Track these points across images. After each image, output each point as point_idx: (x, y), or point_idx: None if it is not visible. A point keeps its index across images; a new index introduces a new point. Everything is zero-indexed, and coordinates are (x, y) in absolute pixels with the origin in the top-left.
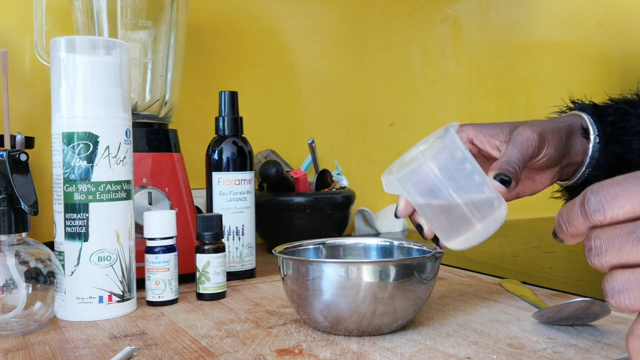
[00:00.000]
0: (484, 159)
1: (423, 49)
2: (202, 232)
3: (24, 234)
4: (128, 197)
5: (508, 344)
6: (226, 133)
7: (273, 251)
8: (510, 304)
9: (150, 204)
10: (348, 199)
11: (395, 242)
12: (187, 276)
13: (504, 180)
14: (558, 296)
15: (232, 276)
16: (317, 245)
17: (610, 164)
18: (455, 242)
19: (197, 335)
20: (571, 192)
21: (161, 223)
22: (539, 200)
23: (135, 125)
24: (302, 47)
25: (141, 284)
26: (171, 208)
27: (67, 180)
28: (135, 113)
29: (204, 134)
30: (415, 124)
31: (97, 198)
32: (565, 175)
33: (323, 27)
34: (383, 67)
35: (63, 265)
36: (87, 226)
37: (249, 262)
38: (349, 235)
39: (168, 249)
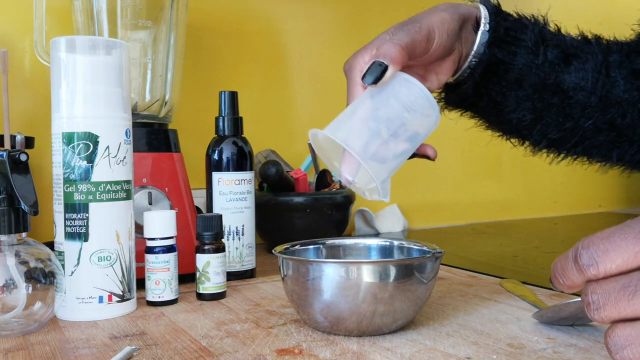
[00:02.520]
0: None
1: None
2: (202, 232)
3: (24, 234)
4: (128, 197)
5: (508, 344)
6: (226, 133)
7: (273, 251)
8: (510, 304)
9: (150, 204)
10: (348, 199)
11: (395, 242)
12: (187, 276)
13: (374, 73)
14: (558, 296)
15: (232, 276)
16: (317, 245)
17: (490, 67)
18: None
19: (197, 335)
20: (455, 90)
21: (161, 223)
22: (539, 200)
23: (135, 125)
24: (302, 47)
25: (141, 284)
26: (171, 208)
27: (67, 180)
28: (135, 113)
29: (204, 134)
30: None
31: (97, 198)
32: (456, 70)
33: (323, 27)
34: None
35: (63, 265)
36: (87, 226)
37: (249, 262)
38: (349, 235)
39: (168, 249)
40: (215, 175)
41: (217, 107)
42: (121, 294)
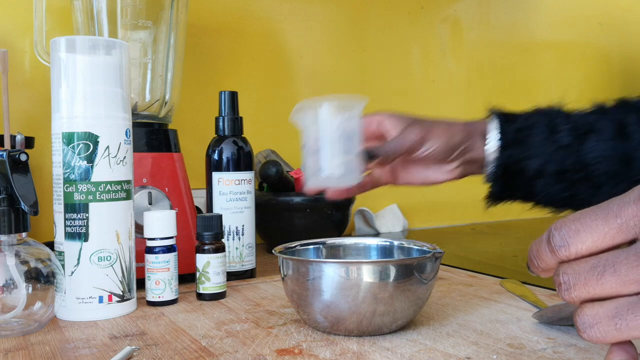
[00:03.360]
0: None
1: (423, 49)
2: (202, 232)
3: (24, 234)
4: (128, 197)
5: (508, 344)
6: (226, 133)
7: (273, 251)
8: (510, 304)
9: (150, 204)
10: (348, 199)
11: (395, 242)
12: (187, 276)
13: (369, 154)
14: (558, 296)
15: (232, 276)
16: (317, 245)
17: (510, 166)
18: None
19: (197, 335)
20: (489, 190)
21: (161, 223)
22: None
23: (135, 125)
24: (302, 47)
25: (141, 284)
26: (171, 208)
27: (67, 180)
28: (135, 113)
29: (204, 134)
30: None
31: (97, 198)
32: (473, 171)
33: (323, 27)
34: (383, 67)
35: (63, 265)
36: (87, 226)
37: (249, 262)
38: (349, 235)
39: (168, 249)
40: (215, 175)
41: (217, 107)
42: (121, 294)
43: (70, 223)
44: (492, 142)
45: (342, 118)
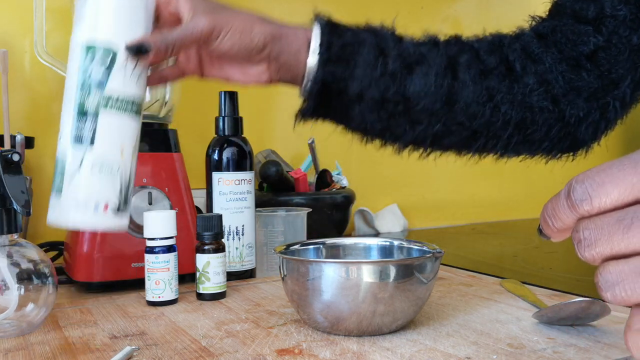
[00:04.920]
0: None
1: None
2: (202, 232)
3: (15, 235)
4: (138, 113)
5: (508, 344)
6: (226, 133)
7: (273, 251)
8: (510, 304)
9: (150, 204)
10: (348, 199)
11: (395, 242)
12: (187, 276)
13: (138, 48)
14: (558, 296)
15: (232, 276)
16: (317, 245)
17: (328, 83)
18: None
19: (197, 335)
20: (302, 104)
21: (161, 223)
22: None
23: None
24: None
25: (141, 284)
26: (171, 208)
27: (83, 86)
28: None
29: (204, 134)
30: None
31: (110, 106)
32: (285, 78)
33: None
34: None
35: (64, 169)
36: (94, 132)
37: (249, 262)
38: (349, 235)
39: (168, 249)
40: (215, 175)
41: (217, 107)
42: (116, 206)
43: (79, 126)
44: (313, 54)
45: None
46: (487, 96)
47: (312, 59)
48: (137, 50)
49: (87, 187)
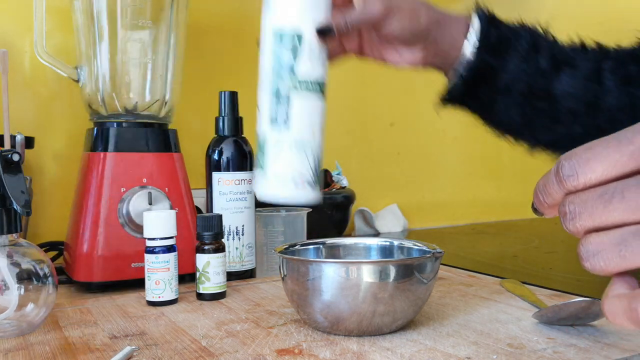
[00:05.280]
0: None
1: None
2: (202, 232)
3: (15, 235)
4: (324, 95)
5: (508, 344)
6: (226, 133)
7: (273, 251)
8: (510, 304)
9: (150, 204)
10: (348, 199)
11: (395, 242)
12: (187, 276)
13: (323, 29)
14: (558, 296)
15: (232, 276)
16: (317, 245)
17: (480, 71)
18: None
19: (197, 335)
20: (450, 94)
21: (161, 223)
22: None
23: (135, 125)
24: None
25: (141, 284)
26: (171, 208)
27: (275, 71)
28: (135, 113)
29: (204, 134)
30: (415, 124)
31: (302, 88)
32: (437, 63)
33: None
34: (383, 67)
35: (265, 148)
36: (288, 115)
37: (249, 262)
38: (349, 235)
39: (168, 249)
40: (215, 175)
41: (217, 107)
42: (312, 180)
43: (274, 108)
44: (470, 42)
45: None
46: (630, 103)
47: (468, 46)
48: (324, 32)
49: (286, 164)
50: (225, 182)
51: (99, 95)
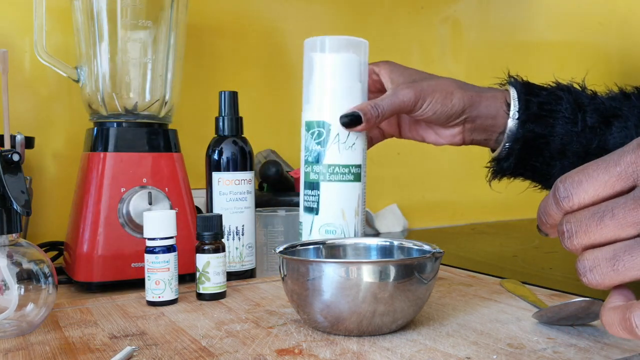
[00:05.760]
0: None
1: (423, 49)
2: (202, 232)
3: (15, 235)
4: (356, 179)
5: (508, 344)
6: (226, 133)
7: (273, 251)
8: (510, 304)
9: (150, 204)
10: None
11: (395, 242)
12: (187, 276)
13: (348, 118)
14: (558, 296)
15: (232, 276)
16: (317, 245)
17: (529, 142)
18: None
19: (197, 335)
20: (499, 164)
21: (161, 223)
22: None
23: (135, 125)
24: (302, 47)
25: (141, 284)
26: (171, 208)
27: (306, 162)
28: (135, 113)
29: (204, 134)
30: None
31: (327, 178)
32: (478, 139)
33: (323, 27)
34: None
35: (301, 233)
36: (318, 202)
37: (249, 262)
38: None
39: (168, 249)
40: (215, 175)
41: (217, 107)
42: None
43: (307, 199)
44: (512, 115)
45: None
46: None
47: (512, 120)
48: (351, 122)
49: None
50: (225, 182)
51: (99, 95)
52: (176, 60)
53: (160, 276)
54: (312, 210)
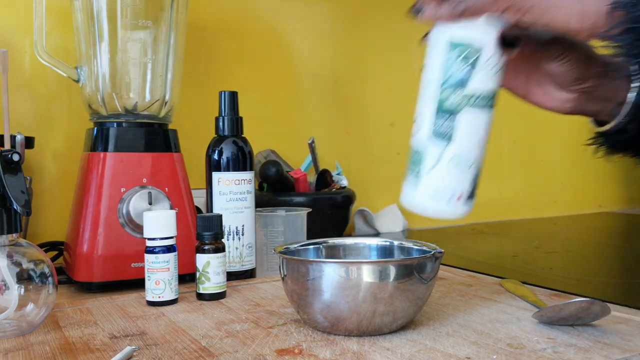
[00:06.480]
0: None
1: (423, 49)
2: (202, 232)
3: (15, 235)
4: (492, 107)
5: (508, 344)
6: (226, 133)
7: (273, 251)
8: (510, 304)
9: (150, 204)
10: (348, 199)
11: (395, 242)
12: (187, 276)
13: (510, 41)
14: (558, 296)
15: (232, 276)
16: (317, 245)
17: None
18: None
19: (197, 335)
20: (607, 139)
21: (161, 223)
22: (539, 200)
23: (135, 125)
24: (302, 47)
25: (141, 284)
26: (171, 208)
27: (445, 85)
28: (135, 113)
29: (204, 134)
30: None
31: (469, 106)
32: (590, 109)
33: (323, 27)
34: (383, 67)
35: (422, 160)
36: (453, 130)
37: (249, 262)
38: (349, 235)
39: (168, 249)
40: (215, 175)
41: (217, 107)
42: (467, 196)
43: (440, 123)
44: (634, 88)
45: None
46: None
47: (632, 93)
48: (509, 44)
49: (444, 180)
50: (225, 182)
51: (99, 95)
52: (176, 60)
53: (160, 276)
54: (444, 136)
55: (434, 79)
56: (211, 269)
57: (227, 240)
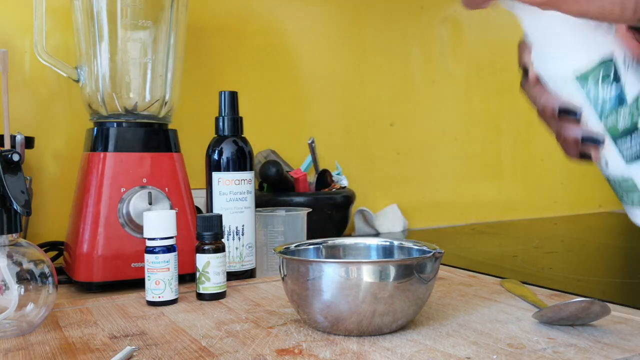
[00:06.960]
0: None
1: (423, 49)
2: (202, 232)
3: (15, 235)
4: None
5: (508, 344)
6: (226, 133)
7: (273, 251)
8: (510, 304)
9: (150, 204)
10: (348, 199)
11: (395, 242)
12: (187, 276)
13: None
14: (558, 296)
15: (232, 276)
16: (317, 245)
17: None
18: None
19: (197, 335)
20: None
21: (161, 223)
22: (539, 200)
23: (135, 125)
24: (302, 47)
25: (141, 284)
26: (171, 208)
27: (603, 115)
28: (135, 113)
29: (204, 134)
30: (415, 124)
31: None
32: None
33: (323, 27)
34: (383, 67)
35: (636, 188)
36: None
37: (249, 262)
38: (349, 235)
39: (168, 249)
40: (215, 175)
41: (217, 107)
42: None
43: (626, 149)
44: None
45: None
46: None
47: None
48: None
49: None
50: (225, 182)
51: (99, 95)
52: (176, 60)
53: (160, 276)
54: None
55: (585, 116)
56: (211, 269)
57: (227, 240)
